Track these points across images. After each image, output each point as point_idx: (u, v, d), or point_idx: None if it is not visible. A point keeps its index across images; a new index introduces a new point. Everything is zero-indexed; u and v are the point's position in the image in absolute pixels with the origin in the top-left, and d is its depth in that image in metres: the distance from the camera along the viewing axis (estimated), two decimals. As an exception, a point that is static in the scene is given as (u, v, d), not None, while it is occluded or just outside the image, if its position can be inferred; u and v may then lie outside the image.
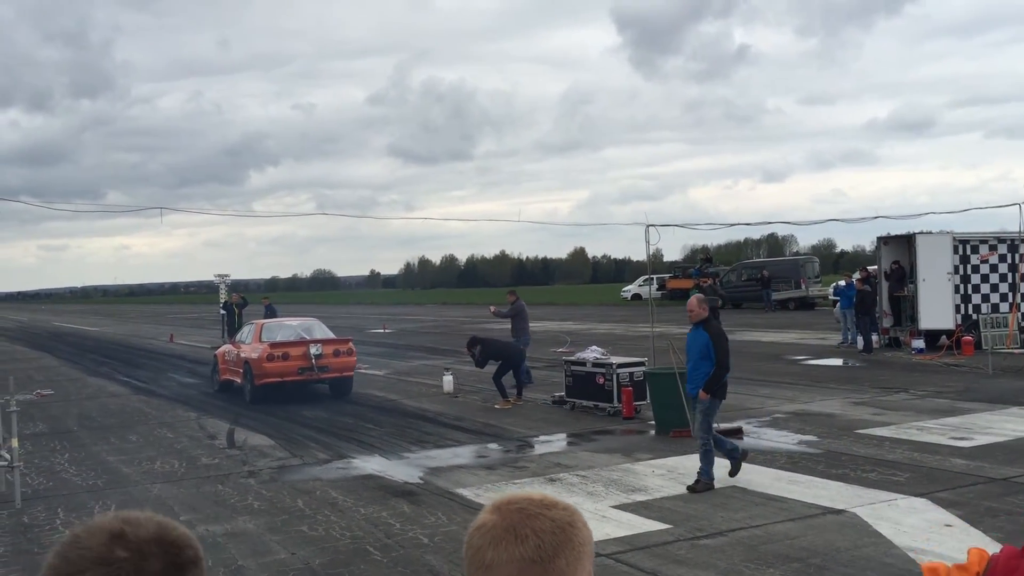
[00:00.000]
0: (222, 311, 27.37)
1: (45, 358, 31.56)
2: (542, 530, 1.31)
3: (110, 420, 15.67)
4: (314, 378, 16.76)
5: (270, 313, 26.83)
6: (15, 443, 9.61)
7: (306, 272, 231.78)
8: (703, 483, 9.04)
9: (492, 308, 19.18)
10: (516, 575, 1.29)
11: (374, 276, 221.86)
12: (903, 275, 22.74)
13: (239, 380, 17.48)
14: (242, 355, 17.36)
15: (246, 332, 18.31)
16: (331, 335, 17.75)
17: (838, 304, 24.97)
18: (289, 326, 18.10)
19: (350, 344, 17.33)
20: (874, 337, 22.14)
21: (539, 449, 11.90)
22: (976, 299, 21.60)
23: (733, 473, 9.32)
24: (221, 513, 8.94)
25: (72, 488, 10.39)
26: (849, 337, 23.33)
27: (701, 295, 9.90)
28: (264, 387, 16.47)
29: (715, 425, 9.73)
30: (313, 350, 16.55)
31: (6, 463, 9.65)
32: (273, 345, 16.52)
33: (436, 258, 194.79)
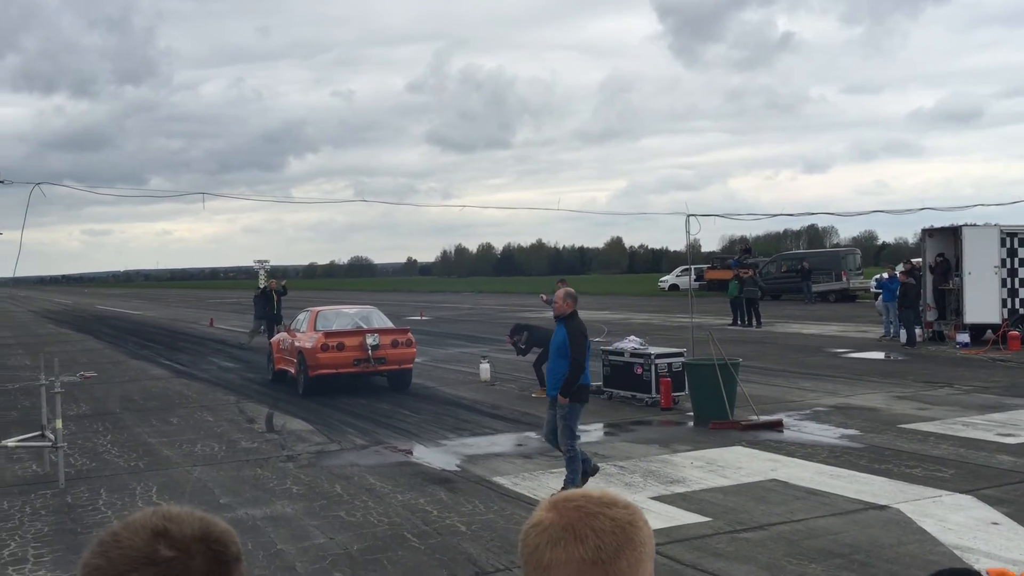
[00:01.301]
0: (262, 294, 26.97)
1: (89, 340, 32.06)
2: (602, 529, 1.26)
3: (152, 403, 15.87)
4: (370, 370, 15.96)
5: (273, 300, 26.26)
6: (59, 424, 9.75)
7: (344, 259, 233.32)
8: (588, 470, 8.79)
9: (543, 296, 18.95)
10: None
11: (411, 264, 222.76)
12: (948, 268, 22.33)
13: (293, 370, 16.77)
14: (296, 344, 16.63)
15: (301, 320, 17.45)
16: (389, 324, 17.02)
17: (880, 297, 24.61)
18: (346, 314, 17.31)
19: (409, 334, 16.48)
20: (917, 331, 21.78)
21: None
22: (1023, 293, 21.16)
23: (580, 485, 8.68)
24: (260, 497, 9.00)
25: (114, 469, 10.53)
26: (892, 330, 22.97)
27: (570, 290, 9.21)
28: (318, 378, 15.74)
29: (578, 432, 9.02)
30: (370, 340, 15.70)
31: (50, 444, 9.80)
32: (328, 335, 15.73)
33: (473, 246, 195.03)
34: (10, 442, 10.03)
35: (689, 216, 14.83)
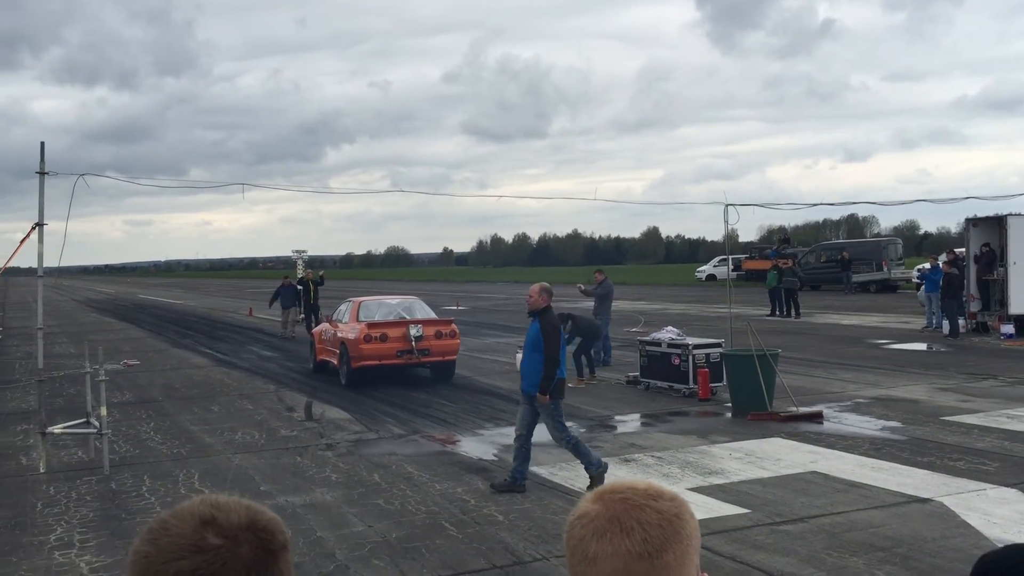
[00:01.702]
0: (298, 286, 26.96)
1: (131, 329, 32.55)
2: (648, 522, 1.24)
3: (193, 391, 16.08)
4: (413, 361, 15.72)
5: (291, 293, 26.19)
6: (103, 411, 9.91)
7: (380, 249, 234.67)
8: (600, 473, 8.38)
9: (580, 287, 18.94)
10: (622, 569, 1.23)
11: (447, 254, 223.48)
12: (993, 258, 21.95)
13: (335, 362, 16.54)
14: (339, 335, 16.37)
15: (343, 311, 17.22)
16: (432, 315, 16.78)
17: (923, 287, 24.26)
18: (388, 304, 17.05)
19: (453, 325, 16.21)
20: (961, 322, 21.44)
21: (613, 429, 11.82)
22: (1071, 284, 20.73)
23: (499, 489, 8.46)
24: (300, 485, 9.09)
25: (157, 456, 10.69)
26: (934, 321, 22.65)
27: (546, 284, 8.97)
28: (361, 370, 15.50)
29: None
30: (413, 331, 15.45)
31: (95, 431, 9.97)
32: (371, 326, 15.49)
33: (509, 236, 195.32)
34: (56, 429, 10.22)
35: (727, 206, 14.69)
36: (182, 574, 1.07)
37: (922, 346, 19.92)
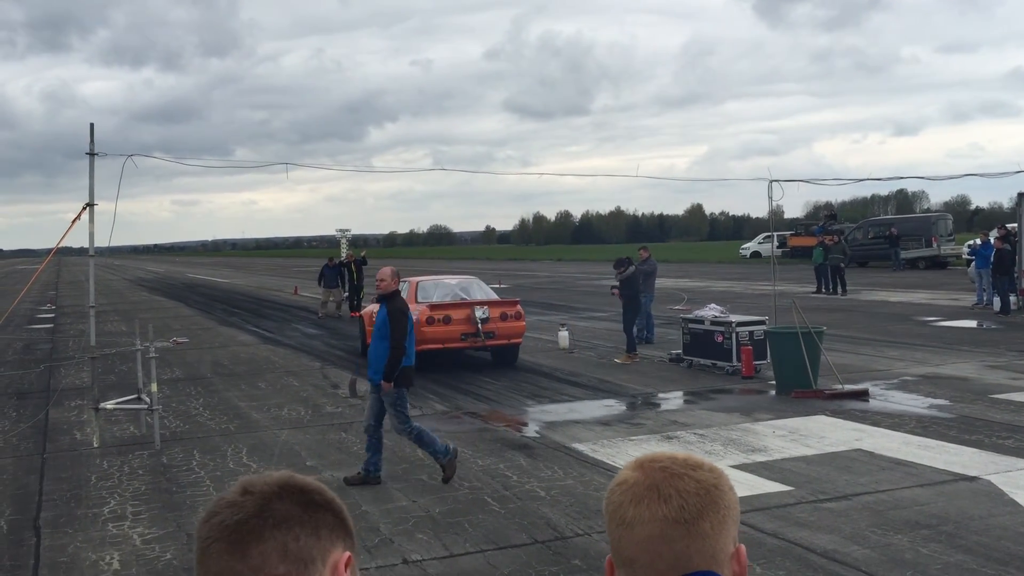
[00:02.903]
0: (343, 267, 26.85)
1: (180, 307, 33.12)
2: (686, 491, 1.27)
3: (240, 368, 16.35)
4: (478, 345, 14.91)
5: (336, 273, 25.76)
6: (154, 388, 10.13)
7: (423, 228, 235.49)
8: (452, 462, 8.13)
9: (613, 290, 17.71)
10: (658, 535, 1.25)
11: (489, 232, 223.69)
12: (1046, 233, 21.44)
13: None
14: None
15: None
16: (493, 295, 16.07)
17: (973, 263, 23.81)
18: (446, 285, 16.22)
19: (518, 307, 15.32)
20: (1012, 298, 21.02)
21: (656, 406, 11.82)
22: None
23: (352, 482, 8.16)
24: (345, 460, 9.23)
25: (207, 431, 10.91)
26: (985, 298, 22.24)
27: (395, 268, 8.53)
28: (422, 354, 14.79)
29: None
30: (479, 313, 14.65)
31: (146, 406, 10.20)
32: (433, 307, 14.71)
33: (551, 214, 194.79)
34: (109, 405, 10.47)
35: (771, 182, 14.52)
36: (214, 526, 1.17)
37: (972, 323, 19.58)
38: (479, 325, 14.65)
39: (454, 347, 14.92)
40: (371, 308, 17.85)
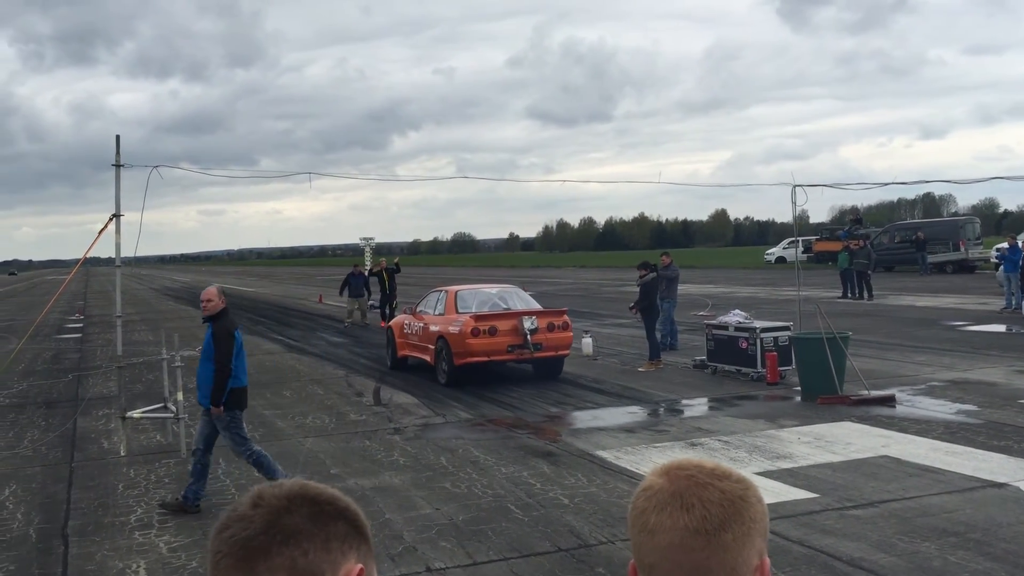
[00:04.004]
0: (373, 276, 25.71)
1: (205, 317, 33.32)
2: (710, 500, 1.26)
3: (265, 376, 16.44)
4: (525, 357, 14.21)
5: (360, 282, 25.33)
6: (180, 396, 10.22)
7: (447, 235, 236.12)
8: (181, 505, 7.80)
9: (632, 308, 16.73)
10: (678, 544, 1.24)
11: (512, 239, 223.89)
12: (1076, 236, 21.17)
13: (428, 358, 15.08)
14: (432, 329, 14.93)
15: (432, 302, 15.82)
16: (535, 304, 15.37)
17: (1001, 267, 23.54)
18: (486, 294, 15.51)
19: (566, 316, 14.63)
20: (1042, 302, 20.76)
21: (680, 413, 11.77)
22: None
23: (165, 505, 7.97)
24: (369, 468, 9.26)
25: (231, 440, 10.95)
26: (1013, 302, 21.98)
27: (221, 286, 8.36)
28: (465, 367, 14.08)
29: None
30: (527, 324, 13.94)
31: (172, 415, 10.28)
32: (478, 318, 14.03)
33: (574, 221, 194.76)
34: (135, 413, 10.57)
35: (795, 187, 14.44)
36: (224, 540, 1.16)
37: (1001, 327, 19.35)
38: (527, 336, 13.94)
39: (500, 359, 14.25)
40: (401, 318, 17.34)
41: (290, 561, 1.14)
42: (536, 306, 15.18)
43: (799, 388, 12.40)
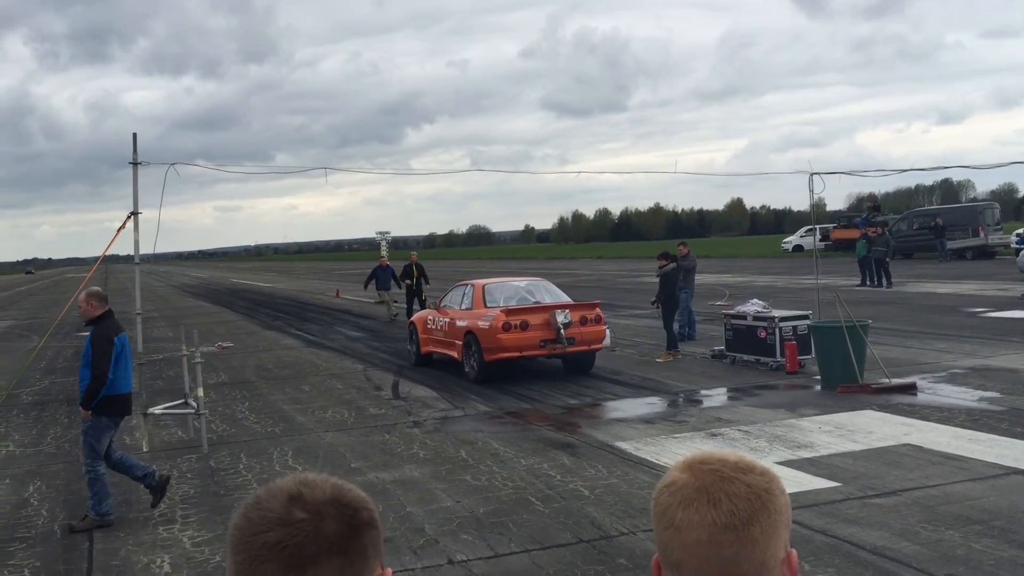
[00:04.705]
0: (407, 268, 24.30)
1: (224, 313, 33.55)
2: (736, 495, 1.24)
3: (285, 371, 16.51)
4: (558, 352, 13.84)
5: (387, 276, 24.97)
6: (201, 392, 10.27)
7: (462, 228, 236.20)
8: (89, 520, 7.57)
9: (654, 303, 16.63)
10: (706, 540, 1.23)
11: (528, 231, 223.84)
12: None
13: (455, 355, 14.77)
14: (460, 324, 14.56)
15: (457, 296, 15.41)
16: (565, 298, 14.96)
17: (1021, 253, 23.34)
18: (514, 287, 15.15)
19: (598, 310, 14.21)
20: (1064, 288, 20.57)
21: (699, 403, 11.74)
22: None
23: (155, 504, 7.85)
24: (389, 461, 9.29)
25: (253, 435, 11.04)
26: (1035, 288, 21.78)
27: (98, 289, 8.01)
28: (496, 363, 13.76)
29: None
30: (560, 318, 13.53)
31: (193, 410, 10.34)
32: (509, 312, 13.59)
33: (590, 212, 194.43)
34: (156, 410, 10.64)
35: (812, 175, 14.36)
36: (268, 545, 1.12)
37: (1022, 313, 19.18)
38: (561, 330, 13.54)
39: (532, 355, 13.89)
40: (423, 314, 17.13)
41: (338, 571, 1.13)
42: (566, 299, 14.83)
43: (819, 377, 12.35)
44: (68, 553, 7.03)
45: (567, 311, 13.73)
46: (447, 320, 15.19)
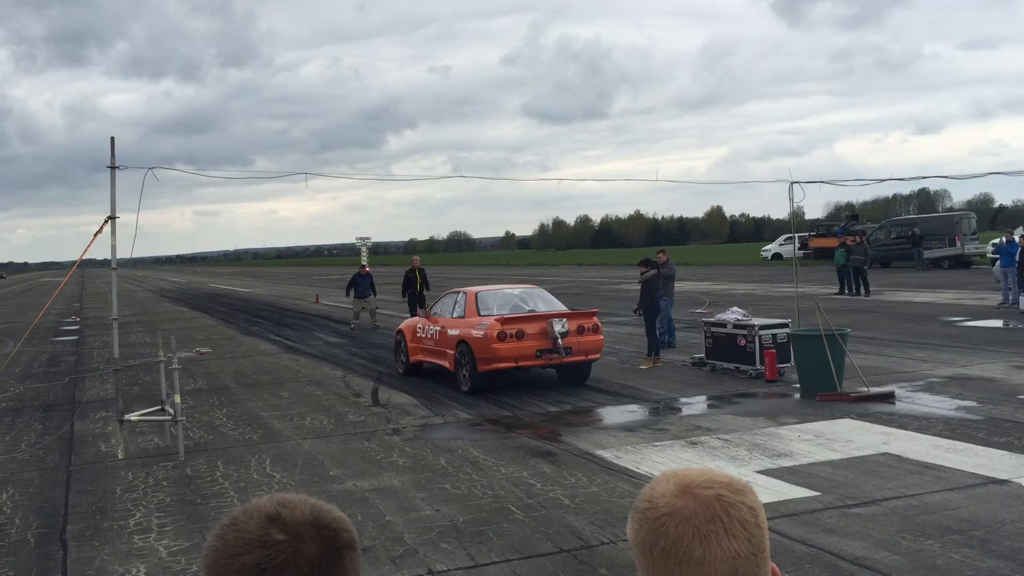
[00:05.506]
0: (409, 275, 23.35)
1: (203, 318, 33.30)
2: (746, 521, 1.21)
3: (263, 377, 16.39)
4: (555, 362, 13.43)
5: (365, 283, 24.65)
6: (178, 399, 10.17)
7: (443, 234, 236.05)
8: None
9: (637, 311, 16.49)
10: (730, 572, 1.18)
11: (509, 237, 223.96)
12: (1073, 231, 21.19)
13: (446, 364, 14.30)
14: (452, 332, 14.10)
15: (449, 304, 14.97)
16: (561, 306, 14.53)
17: (998, 262, 23.55)
18: (508, 295, 14.62)
19: (595, 318, 13.84)
20: (1039, 297, 20.76)
21: (679, 411, 11.74)
22: None
23: None
24: (368, 469, 9.22)
25: (230, 442, 10.93)
26: (1010, 297, 21.98)
27: None
28: (490, 374, 13.39)
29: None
30: (557, 327, 13.16)
31: (170, 417, 10.24)
32: (504, 321, 13.18)
33: (571, 219, 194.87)
34: (133, 416, 10.53)
35: (792, 183, 14.42)
36: (246, 568, 1.09)
37: (998, 323, 19.36)
38: (558, 340, 13.17)
39: (527, 365, 13.45)
40: (411, 322, 16.56)
41: None
42: (562, 307, 14.44)
43: (798, 385, 12.39)
44: (42, 563, 6.92)
45: (564, 320, 13.36)
46: (438, 328, 14.70)
